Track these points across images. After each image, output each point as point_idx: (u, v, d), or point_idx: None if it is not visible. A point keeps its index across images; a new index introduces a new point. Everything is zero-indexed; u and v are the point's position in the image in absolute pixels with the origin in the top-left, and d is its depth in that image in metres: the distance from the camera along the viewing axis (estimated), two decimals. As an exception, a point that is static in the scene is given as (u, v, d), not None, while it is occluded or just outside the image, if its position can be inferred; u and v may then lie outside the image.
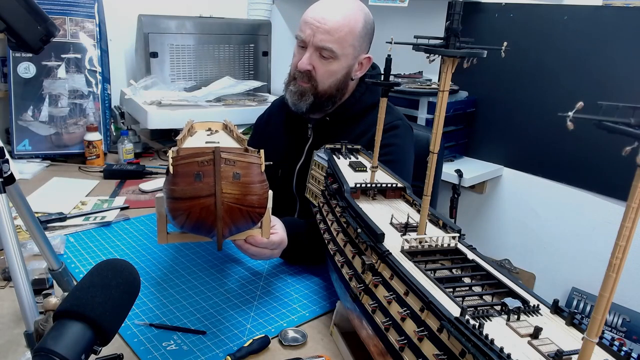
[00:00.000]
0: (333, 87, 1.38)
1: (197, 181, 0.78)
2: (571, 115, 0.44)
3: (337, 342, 0.98)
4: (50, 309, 0.78)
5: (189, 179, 0.78)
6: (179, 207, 0.79)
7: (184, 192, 0.78)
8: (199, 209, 0.78)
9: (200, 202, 0.78)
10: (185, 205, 0.79)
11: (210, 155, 0.77)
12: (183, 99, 2.14)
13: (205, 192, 0.77)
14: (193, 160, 0.77)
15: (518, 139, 2.31)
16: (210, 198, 0.77)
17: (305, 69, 1.35)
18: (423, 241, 0.82)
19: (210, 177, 0.77)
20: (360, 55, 1.39)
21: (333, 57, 1.33)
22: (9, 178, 0.83)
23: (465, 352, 0.57)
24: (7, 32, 0.80)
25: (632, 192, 0.43)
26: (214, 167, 0.77)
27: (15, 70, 1.99)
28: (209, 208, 0.78)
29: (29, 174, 1.86)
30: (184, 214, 0.80)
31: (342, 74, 1.37)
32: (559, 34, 2.09)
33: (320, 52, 1.33)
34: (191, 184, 0.78)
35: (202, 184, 0.77)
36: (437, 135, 0.77)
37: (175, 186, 0.79)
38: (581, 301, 2.18)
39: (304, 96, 1.39)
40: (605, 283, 0.45)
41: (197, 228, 0.83)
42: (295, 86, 1.39)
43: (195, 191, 0.78)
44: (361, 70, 1.41)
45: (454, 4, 0.70)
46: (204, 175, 0.77)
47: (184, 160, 0.78)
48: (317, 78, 1.36)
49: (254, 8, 2.83)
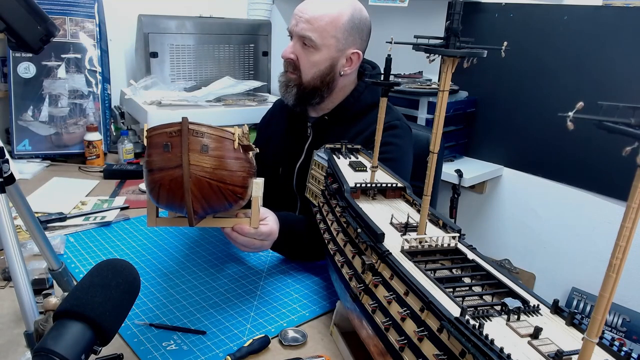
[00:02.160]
0: (317, 79, 1.39)
1: (165, 151, 0.78)
2: (571, 115, 0.44)
3: (337, 342, 0.98)
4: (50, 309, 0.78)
5: (160, 150, 0.79)
6: (152, 179, 0.80)
7: (155, 163, 0.79)
8: (169, 180, 0.79)
9: (169, 174, 0.79)
10: (157, 176, 0.80)
11: (178, 126, 0.77)
12: (183, 99, 2.14)
13: (174, 163, 0.78)
14: (163, 131, 0.78)
15: (518, 139, 2.31)
16: (179, 169, 0.78)
17: (288, 57, 1.39)
18: (423, 241, 0.82)
19: (178, 147, 0.77)
20: (348, 49, 1.38)
21: (314, 46, 1.35)
22: (9, 178, 0.83)
23: (465, 352, 0.57)
24: (7, 32, 0.80)
25: (632, 192, 0.43)
26: (180, 138, 0.77)
27: (15, 70, 1.99)
28: (177, 180, 0.78)
29: (29, 174, 1.86)
30: (156, 186, 0.81)
31: (325, 65, 1.38)
32: (559, 34, 2.09)
33: (303, 41, 1.36)
34: (161, 155, 0.79)
35: (170, 155, 0.78)
36: (437, 135, 0.77)
37: (149, 157, 0.80)
38: (581, 301, 2.18)
39: (289, 87, 1.42)
40: (605, 283, 0.45)
41: (171, 202, 0.83)
42: (283, 77, 1.44)
43: (164, 162, 0.78)
44: (350, 66, 1.40)
45: (454, 4, 0.70)
46: (172, 146, 0.78)
47: (155, 131, 0.79)
48: (301, 68, 1.39)
49: (254, 8, 2.83)
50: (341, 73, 1.40)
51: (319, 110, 1.49)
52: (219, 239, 1.41)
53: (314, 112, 1.51)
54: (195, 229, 1.46)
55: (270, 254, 1.34)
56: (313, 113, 1.51)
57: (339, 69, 1.39)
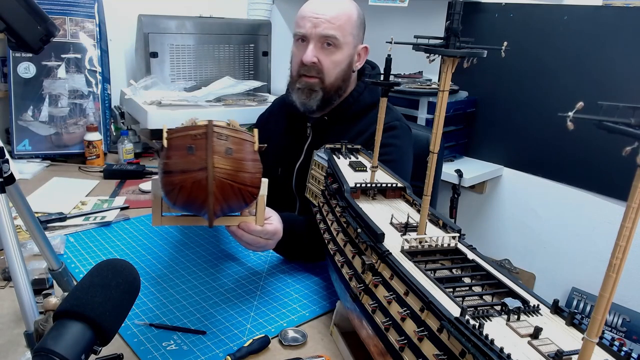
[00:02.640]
0: (339, 78, 1.41)
1: (189, 154, 0.78)
2: (571, 115, 0.44)
3: (337, 342, 0.98)
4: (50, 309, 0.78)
5: (182, 152, 0.78)
6: (171, 181, 0.80)
7: (177, 165, 0.79)
8: (191, 182, 0.79)
9: (192, 176, 0.78)
10: (178, 179, 0.79)
11: (203, 129, 0.77)
12: (183, 99, 2.13)
13: (197, 166, 0.78)
14: (187, 134, 0.78)
15: (518, 139, 2.31)
16: (202, 172, 0.78)
17: (311, 61, 1.37)
18: (423, 241, 0.82)
19: (203, 150, 0.77)
20: (359, 45, 1.43)
21: (336, 45, 1.36)
22: (9, 178, 0.83)
23: (465, 352, 0.57)
24: (7, 32, 0.80)
25: (632, 192, 0.43)
26: (206, 141, 0.77)
27: (15, 70, 1.99)
28: (201, 182, 0.78)
29: (29, 174, 1.86)
30: (176, 189, 0.80)
31: (346, 63, 1.40)
32: (559, 34, 2.09)
33: (324, 42, 1.36)
34: (184, 157, 0.78)
35: (194, 157, 0.78)
36: (437, 135, 0.77)
37: (168, 159, 0.79)
38: (581, 301, 2.18)
39: (313, 92, 1.40)
40: (605, 283, 0.45)
41: (190, 204, 0.83)
42: (302, 83, 1.40)
43: (187, 164, 0.78)
44: (360, 61, 1.45)
45: (454, 4, 0.70)
46: (196, 149, 0.78)
47: (178, 133, 0.79)
48: (324, 70, 1.38)
49: (254, 8, 2.83)
50: (354, 69, 1.44)
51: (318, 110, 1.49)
52: (219, 239, 1.41)
53: (313, 113, 1.51)
54: (195, 229, 1.46)
55: (270, 254, 1.34)
56: (313, 114, 1.51)
57: (353, 65, 1.43)
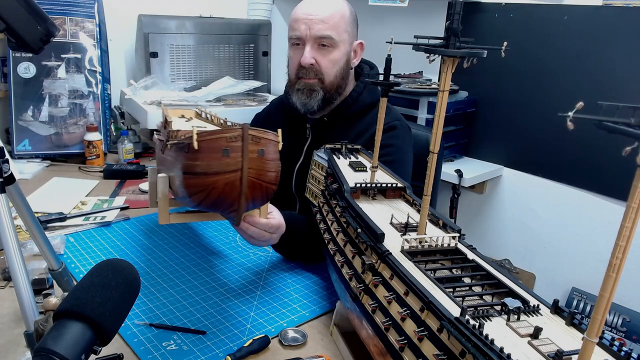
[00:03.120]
0: (339, 77, 1.41)
1: (224, 156, 0.80)
2: (571, 115, 0.44)
3: (337, 342, 0.98)
4: (50, 309, 0.78)
5: (216, 155, 0.80)
6: (202, 183, 0.81)
7: (210, 167, 0.80)
8: (223, 184, 0.81)
9: (225, 177, 0.80)
10: (210, 180, 0.81)
11: (239, 132, 0.80)
12: (183, 99, 2.14)
13: (232, 168, 0.80)
14: (221, 136, 0.80)
15: (518, 139, 2.31)
16: (236, 173, 0.80)
17: (309, 63, 1.38)
18: (423, 241, 0.82)
19: (238, 152, 0.80)
20: (354, 41, 1.44)
21: (332, 44, 1.37)
22: (9, 178, 0.83)
23: (465, 352, 0.57)
24: (7, 32, 0.80)
25: (632, 192, 0.43)
26: (242, 143, 0.79)
27: (15, 70, 1.99)
28: (233, 183, 0.81)
29: (29, 174, 1.86)
30: (205, 190, 0.82)
31: (344, 61, 1.41)
32: (559, 34, 2.09)
33: (320, 43, 1.36)
34: (218, 159, 0.80)
35: (229, 159, 0.80)
36: (437, 135, 0.77)
37: (199, 162, 0.81)
38: (581, 301, 2.18)
39: (314, 92, 1.40)
40: (605, 283, 0.45)
41: (217, 204, 0.85)
42: (301, 84, 1.41)
43: (221, 166, 0.80)
44: (357, 57, 1.46)
45: (454, 4, 0.70)
46: (231, 151, 0.80)
47: (211, 136, 0.80)
48: (323, 70, 1.39)
49: (254, 8, 2.83)
50: (351, 66, 1.45)
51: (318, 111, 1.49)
52: (220, 239, 1.41)
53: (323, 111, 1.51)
54: (196, 229, 1.46)
55: (270, 254, 1.34)
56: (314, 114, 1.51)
57: (350, 62, 1.44)
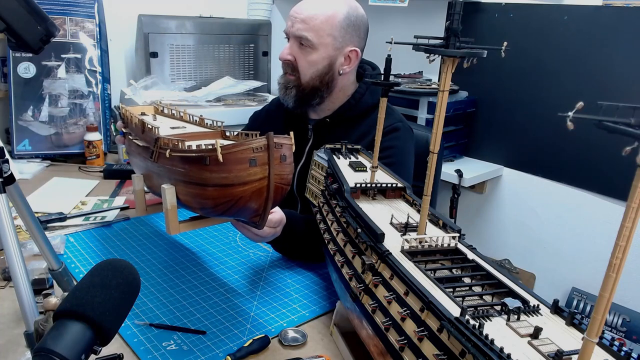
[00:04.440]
0: (316, 79, 1.39)
1: (251, 166, 0.83)
2: (571, 115, 0.44)
3: (337, 342, 0.98)
4: (50, 309, 0.79)
5: (243, 166, 0.83)
6: (227, 194, 0.84)
7: (237, 179, 0.83)
8: (250, 192, 0.84)
9: (253, 186, 0.84)
10: (237, 191, 0.84)
11: (263, 142, 0.83)
12: (183, 99, 2.14)
13: (259, 176, 0.83)
14: (247, 147, 0.82)
15: (518, 139, 2.31)
16: (263, 181, 0.84)
17: (285, 59, 1.40)
18: (423, 241, 0.82)
19: (264, 161, 0.83)
20: (345, 47, 1.38)
21: (311, 46, 1.36)
22: (9, 178, 0.83)
23: (465, 352, 0.57)
24: (7, 32, 0.80)
25: (632, 192, 0.43)
26: (268, 152, 0.83)
27: (15, 70, 1.99)
28: (260, 191, 0.84)
29: (29, 174, 1.86)
30: (231, 201, 0.85)
31: (324, 64, 1.38)
32: (559, 34, 2.10)
33: (300, 41, 1.37)
34: (245, 170, 0.83)
35: (256, 169, 0.83)
36: (437, 135, 0.77)
37: (225, 174, 0.84)
38: (581, 301, 2.18)
39: (288, 89, 1.42)
40: (605, 283, 0.45)
41: (242, 212, 0.88)
42: (282, 78, 1.44)
43: (249, 176, 0.83)
44: (349, 64, 1.41)
45: (454, 4, 0.70)
46: (258, 161, 0.83)
47: (237, 148, 0.83)
48: (299, 69, 1.39)
49: (254, 8, 2.83)
50: (340, 72, 1.40)
51: (320, 112, 1.49)
52: (220, 239, 1.41)
53: (314, 115, 1.51)
54: (195, 229, 1.46)
55: (270, 253, 1.34)
56: (314, 115, 1.51)
57: (337, 67, 1.40)
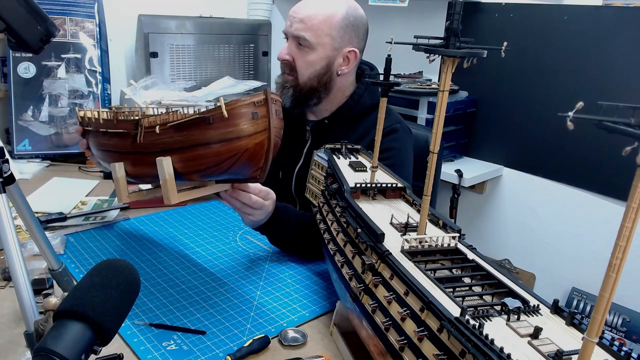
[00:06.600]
0: (313, 79, 1.39)
1: (254, 119, 0.89)
2: (571, 115, 0.44)
3: (337, 342, 0.98)
4: (50, 309, 0.79)
5: (247, 119, 0.89)
6: (232, 148, 0.90)
7: (244, 131, 0.89)
8: (254, 144, 0.90)
9: (256, 138, 0.90)
10: (241, 144, 0.89)
11: (263, 96, 0.89)
12: (183, 99, 2.13)
13: (261, 128, 0.90)
14: (250, 102, 0.89)
15: (518, 139, 2.31)
16: (264, 133, 0.90)
17: (283, 59, 1.40)
18: (423, 241, 0.82)
19: (264, 114, 0.89)
20: (344, 48, 1.38)
21: (309, 46, 1.36)
22: (9, 178, 0.83)
23: (465, 352, 0.57)
24: (7, 32, 0.80)
25: (632, 192, 0.43)
26: (267, 106, 0.89)
27: (15, 70, 1.99)
28: (262, 143, 0.91)
29: (29, 174, 1.86)
30: (236, 155, 0.90)
31: (322, 65, 1.38)
32: (559, 34, 2.10)
33: (298, 41, 1.37)
34: (249, 122, 0.89)
35: (259, 121, 0.89)
36: (437, 135, 0.77)
37: (231, 128, 0.89)
38: (581, 301, 2.18)
39: (285, 88, 1.42)
40: (605, 283, 0.45)
41: (244, 167, 0.93)
42: (280, 78, 1.45)
43: (253, 128, 0.89)
44: (348, 65, 1.40)
45: (454, 4, 0.70)
46: (260, 114, 0.89)
47: (240, 103, 0.88)
48: (297, 69, 1.39)
49: (254, 8, 2.83)
50: (338, 72, 1.40)
51: (318, 113, 1.48)
52: (220, 239, 1.41)
53: (312, 116, 1.50)
54: (196, 228, 1.46)
55: (270, 253, 1.34)
56: (312, 116, 1.50)
57: (335, 68, 1.39)
